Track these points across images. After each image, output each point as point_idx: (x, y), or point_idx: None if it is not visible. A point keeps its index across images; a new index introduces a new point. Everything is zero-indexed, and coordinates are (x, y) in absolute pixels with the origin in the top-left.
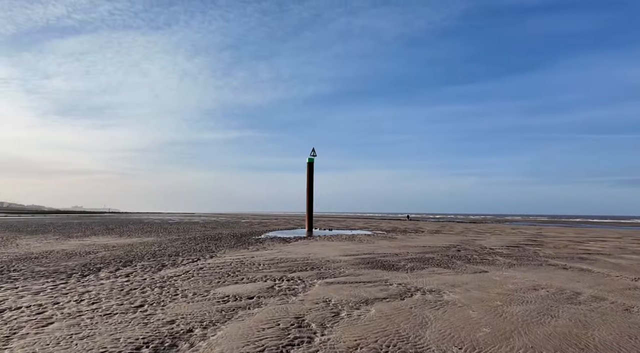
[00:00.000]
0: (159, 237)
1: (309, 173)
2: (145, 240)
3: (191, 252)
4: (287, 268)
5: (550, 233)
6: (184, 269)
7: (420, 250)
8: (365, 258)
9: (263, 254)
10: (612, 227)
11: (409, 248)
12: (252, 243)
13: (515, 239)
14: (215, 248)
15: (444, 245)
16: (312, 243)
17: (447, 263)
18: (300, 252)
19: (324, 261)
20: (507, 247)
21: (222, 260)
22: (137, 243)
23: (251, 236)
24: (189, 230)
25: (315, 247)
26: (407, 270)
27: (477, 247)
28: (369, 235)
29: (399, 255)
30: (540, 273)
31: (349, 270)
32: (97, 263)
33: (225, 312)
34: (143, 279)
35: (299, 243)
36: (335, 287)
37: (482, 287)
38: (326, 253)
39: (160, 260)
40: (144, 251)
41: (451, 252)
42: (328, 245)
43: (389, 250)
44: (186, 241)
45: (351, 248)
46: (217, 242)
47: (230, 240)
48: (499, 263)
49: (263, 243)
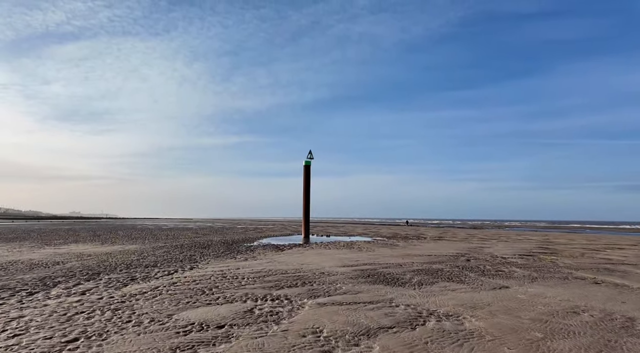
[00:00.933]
0: (143, 245)
1: (305, 176)
2: (127, 248)
3: (171, 262)
4: (274, 284)
5: (559, 240)
6: (154, 284)
7: (425, 260)
8: (365, 270)
9: (251, 265)
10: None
11: (413, 257)
12: (242, 252)
13: (525, 247)
14: (200, 258)
15: (450, 254)
16: (307, 252)
17: (459, 276)
18: (292, 262)
19: (318, 273)
20: (519, 256)
21: (203, 272)
22: (116, 252)
23: (243, 243)
24: (178, 237)
25: (310, 256)
26: (415, 285)
27: (488, 256)
28: (368, 242)
29: (403, 266)
30: (571, 289)
31: (347, 286)
32: (58, 277)
33: (180, 350)
34: (99, 298)
35: (293, 252)
36: (329, 310)
37: (510, 310)
38: (321, 263)
39: (132, 273)
40: (120, 261)
41: (460, 261)
42: (324, 253)
43: (392, 260)
44: (171, 249)
45: (349, 257)
46: (204, 250)
47: (219, 248)
48: (518, 276)
49: (254, 252)
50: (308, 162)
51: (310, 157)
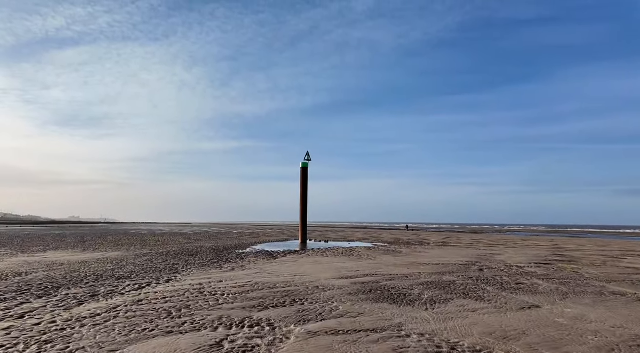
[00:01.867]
0: (127, 252)
1: (302, 179)
2: (107, 256)
3: (148, 273)
4: (258, 302)
5: (569, 246)
6: (114, 303)
7: (434, 270)
8: (367, 282)
9: (236, 277)
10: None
11: (419, 266)
12: (231, 260)
13: (538, 253)
14: (182, 267)
15: (460, 262)
16: (303, 260)
17: (477, 291)
18: (284, 273)
19: (312, 288)
20: (536, 265)
21: (179, 286)
22: (93, 260)
23: (234, 250)
24: (168, 243)
25: (305, 264)
26: (426, 304)
27: (501, 265)
28: (369, 249)
29: (410, 278)
30: (617, 310)
31: (345, 305)
32: (8, 293)
33: None
34: (36, 324)
35: (287, 260)
36: (321, 343)
37: (554, 342)
38: (317, 274)
39: (97, 287)
40: (92, 271)
41: (473, 271)
42: (321, 262)
43: (396, 270)
44: (155, 257)
45: (349, 266)
46: (190, 257)
47: (207, 255)
48: (545, 290)
49: (244, 260)
50: (305, 164)
51: (307, 158)
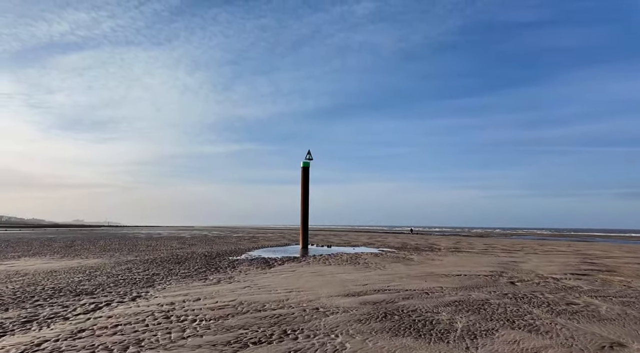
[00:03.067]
0: (110, 258)
1: (303, 179)
2: (84, 264)
3: (118, 287)
4: (236, 336)
5: (595, 252)
6: (44, 335)
7: (457, 283)
8: (379, 302)
9: (219, 292)
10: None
11: (438, 278)
12: (220, 270)
13: (566, 261)
14: (162, 279)
15: (484, 273)
16: (302, 269)
17: (522, 316)
18: (278, 288)
19: (310, 310)
20: (574, 276)
21: (144, 307)
22: (64, 270)
23: (228, 256)
24: (159, 248)
25: (304, 275)
26: (463, 337)
27: (532, 276)
28: (376, 255)
29: (432, 295)
30: None
31: (353, 341)
32: None
33: None
34: None
35: (284, 269)
36: None
37: None
38: (317, 289)
39: (41, 308)
40: (52, 285)
41: (504, 285)
42: (323, 272)
43: (412, 283)
44: (137, 264)
45: (355, 278)
46: (175, 266)
47: (196, 263)
48: (610, 315)
49: (235, 269)
50: (307, 164)
51: (308, 157)
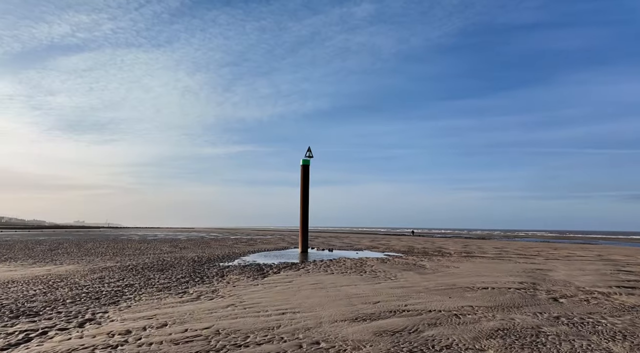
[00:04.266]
0: (87, 264)
1: (303, 178)
2: (53, 272)
3: (73, 304)
4: None
5: (621, 258)
6: None
7: (490, 301)
8: (400, 331)
9: (195, 313)
10: None
11: (463, 293)
12: (205, 280)
13: (598, 269)
14: (134, 292)
15: (513, 285)
16: (300, 280)
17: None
18: (269, 307)
19: (308, 345)
20: (622, 289)
21: (87, 338)
22: (25, 279)
23: (218, 262)
24: (147, 252)
25: (302, 289)
26: None
27: (574, 290)
28: (383, 261)
29: (464, 320)
30: None
31: None
32: None
33: None
34: None
35: (279, 279)
36: None
37: None
38: (317, 310)
39: None
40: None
41: (546, 303)
42: (324, 283)
43: (434, 301)
44: (112, 273)
45: (363, 292)
46: (156, 274)
47: (181, 270)
48: None
49: (223, 279)
50: (306, 161)
51: (309, 155)
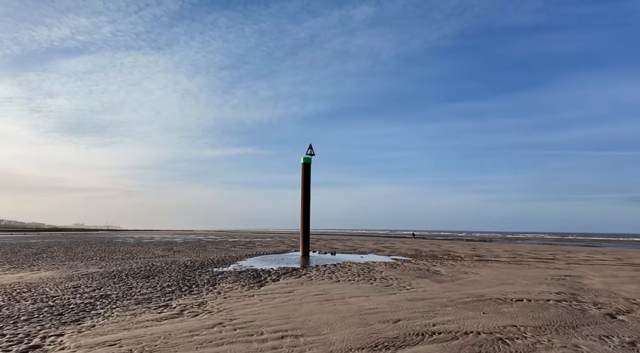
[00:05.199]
0: (67, 271)
1: (304, 177)
2: (25, 279)
3: (28, 322)
4: None
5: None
6: None
7: (534, 318)
8: None
9: (170, 337)
10: None
11: (497, 307)
12: (193, 289)
13: (636, 276)
14: (107, 305)
15: (551, 296)
16: (301, 289)
17: None
18: (264, 328)
19: None
20: None
21: None
22: None
23: (212, 267)
24: (136, 256)
25: (304, 301)
26: None
27: (624, 302)
28: (392, 266)
29: (515, 347)
30: None
31: None
32: None
33: None
34: None
35: (278, 289)
36: None
37: None
38: (324, 332)
39: None
40: None
41: (603, 320)
42: (330, 293)
43: (466, 318)
44: (90, 280)
45: (377, 306)
46: (140, 282)
47: (169, 277)
48: None
49: (214, 288)
50: (308, 160)
51: (310, 152)
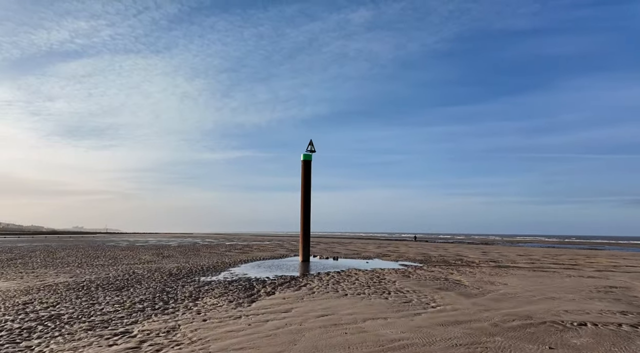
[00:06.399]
0: (32, 281)
1: (304, 175)
2: None
3: None
4: None
5: None
6: None
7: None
8: None
9: None
10: None
11: (562, 335)
12: (169, 306)
13: None
14: (44, 333)
15: (615, 317)
16: (301, 307)
17: None
18: None
19: None
20: None
21: None
22: None
23: (200, 276)
24: (119, 262)
25: (306, 324)
26: None
27: None
28: (404, 275)
29: None
30: None
31: None
32: None
33: None
34: None
35: (273, 306)
36: None
37: None
38: None
39: None
40: None
41: None
42: (337, 313)
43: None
44: (50, 294)
45: (403, 335)
46: (109, 296)
47: (146, 289)
48: None
49: (196, 304)
50: (308, 157)
51: (310, 149)
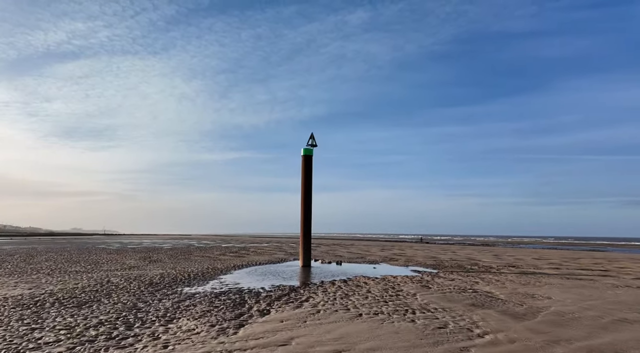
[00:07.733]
0: None
1: (305, 171)
2: None
3: None
4: None
5: None
6: None
7: None
8: None
9: None
10: None
11: None
12: (133, 331)
13: None
14: None
15: None
16: (303, 337)
17: None
18: None
19: None
20: None
21: None
22: None
23: (183, 286)
24: (100, 267)
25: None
26: None
27: None
28: (421, 284)
29: None
30: None
31: None
32: None
33: None
34: None
35: (265, 334)
36: None
37: None
38: None
39: None
40: None
41: None
42: (355, 347)
43: None
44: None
45: None
46: (60, 315)
47: (114, 304)
48: None
49: (167, 328)
50: (309, 151)
51: (311, 143)
